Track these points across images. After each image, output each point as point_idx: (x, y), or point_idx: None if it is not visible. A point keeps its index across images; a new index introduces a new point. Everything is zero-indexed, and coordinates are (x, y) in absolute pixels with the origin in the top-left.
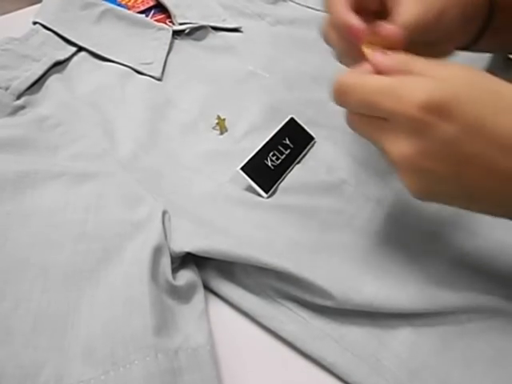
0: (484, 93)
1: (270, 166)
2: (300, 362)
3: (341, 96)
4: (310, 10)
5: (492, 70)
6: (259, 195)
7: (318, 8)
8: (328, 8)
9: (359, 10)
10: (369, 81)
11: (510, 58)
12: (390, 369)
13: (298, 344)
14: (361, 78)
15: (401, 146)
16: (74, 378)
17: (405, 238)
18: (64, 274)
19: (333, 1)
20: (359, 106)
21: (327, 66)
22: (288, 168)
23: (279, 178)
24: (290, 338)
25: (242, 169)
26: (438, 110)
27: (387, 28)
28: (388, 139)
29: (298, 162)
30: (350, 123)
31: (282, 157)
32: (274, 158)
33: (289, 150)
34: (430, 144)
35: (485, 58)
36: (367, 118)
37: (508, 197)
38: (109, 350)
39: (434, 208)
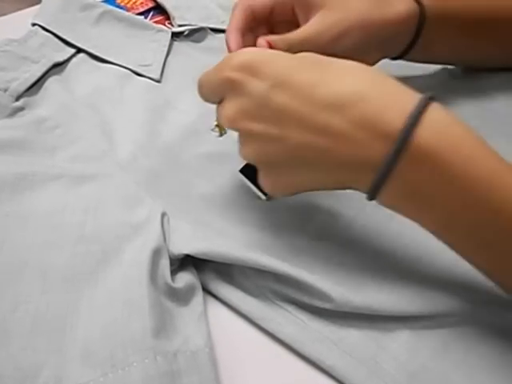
0: (295, 59)
1: None
2: (299, 365)
3: (199, 89)
4: None
5: None
6: (258, 198)
7: None
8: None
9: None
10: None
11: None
12: (389, 372)
13: (297, 346)
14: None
15: (226, 110)
16: (72, 380)
17: (405, 240)
18: (63, 275)
19: (230, 19)
20: (208, 94)
21: None
22: None
23: None
24: (289, 341)
25: (242, 171)
26: (249, 68)
27: (258, 42)
28: (219, 111)
29: None
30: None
31: None
32: None
33: None
34: (246, 101)
35: None
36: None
37: (333, 157)
38: (108, 352)
39: None
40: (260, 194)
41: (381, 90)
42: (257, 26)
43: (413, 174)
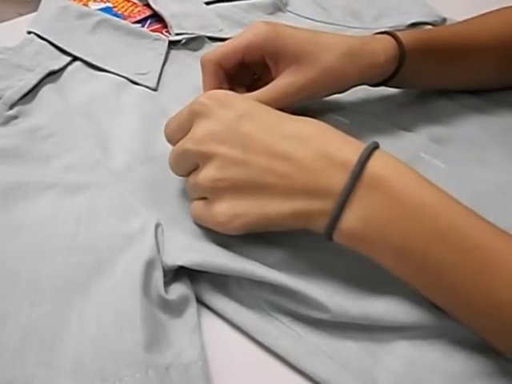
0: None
1: None
2: (294, 378)
3: (166, 129)
4: (308, 20)
5: None
6: None
7: (317, 19)
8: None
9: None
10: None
11: None
12: None
13: (292, 359)
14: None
15: (193, 133)
16: None
17: None
18: (54, 287)
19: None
20: (176, 125)
21: None
22: None
23: None
24: (284, 354)
25: None
26: (220, 99)
27: None
28: (186, 138)
29: None
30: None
31: None
32: None
33: None
34: (214, 124)
35: None
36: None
37: (292, 182)
38: (98, 365)
39: None
40: None
41: (335, 134)
42: (230, 75)
43: (368, 200)
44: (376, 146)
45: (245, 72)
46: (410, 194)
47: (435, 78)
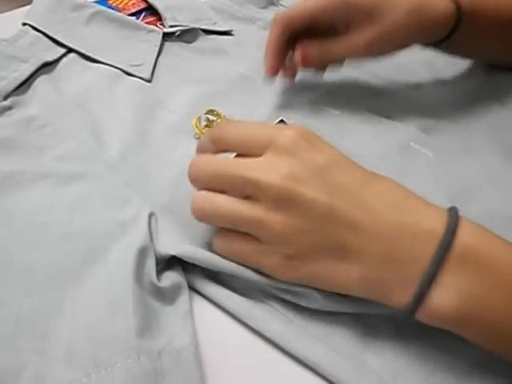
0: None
1: None
2: (285, 362)
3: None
4: None
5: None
6: None
7: None
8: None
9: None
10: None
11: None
12: (373, 368)
13: (282, 343)
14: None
15: (278, 167)
16: (55, 381)
17: None
18: (47, 274)
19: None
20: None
21: None
22: None
23: None
24: (275, 338)
25: None
26: (311, 141)
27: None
28: (260, 163)
29: None
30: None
31: None
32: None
33: None
34: (302, 166)
35: None
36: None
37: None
38: (91, 352)
39: None
40: None
41: (417, 198)
42: (294, 38)
43: (462, 273)
44: (457, 212)
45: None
46: (505, 261)
47: (486, 46)
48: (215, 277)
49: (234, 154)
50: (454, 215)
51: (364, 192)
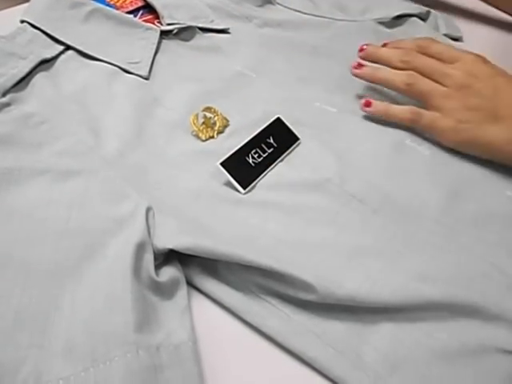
0: None
1: (250, 163)
2: (282, 358)
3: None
4: (297, 13)
5: None
6: (237, 191)
7: (305, 11)
8: None
9: None
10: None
11: None
12: (370, 363)
13: (280, 339)
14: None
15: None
16: (53, 375)
17: (388, 234)
18: (46, 270)
19: None
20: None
21: (314, 67)
22: (269, 166)
23: (259, 176)
24: (272, 334)
25: (222, 164)
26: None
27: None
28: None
29: (282, 161)
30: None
31: (264, 155)
32: (255, 156)
33: (272, 149)
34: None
35: None
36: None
37: None
38: (89, 346)
39: (416, 204)
40: (239, 187)
41: None
42: None
43: None
44: None
45: None
46: None
47: None
48: (213, 272)
49: None
50: None
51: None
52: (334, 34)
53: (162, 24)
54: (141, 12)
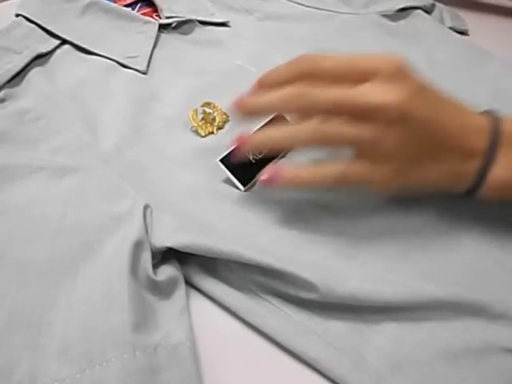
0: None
1: (250, 160)
2: (283, 358)
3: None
4: (298, 6)
5: None
6: (237, 188)
7: (307, 4)
8: None
9: None
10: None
11: None
12: (372, 363)
13: (280, 339)
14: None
15: (397, 90)
16: (49, 377)
17: (391, 232)
18: (41, 269)
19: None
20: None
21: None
22: (269, 163)
23: (259, 173)
24: (272, 333)
25: (221, 161)
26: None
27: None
28: (373, 88)
29: (283, 157)
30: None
31: (265, 151)
32: (255, 152)
33: None
34: (414, 86)
35: None
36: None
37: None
38: (85, 347)
39: (421, 201)
40: (238, 184)
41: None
42: None
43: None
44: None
45: None
46: None
47: None
48: (212, 271)
49: None
50: (495, 115)
51: (447, 105)
52: (336, 28)
53: (160, 17)
54: (139, 5)
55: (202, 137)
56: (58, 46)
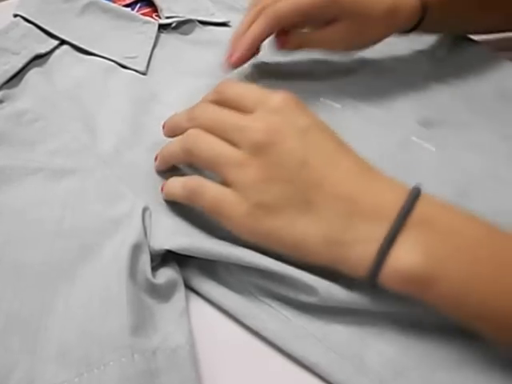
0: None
1: None
2: (282, 362)
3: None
4: None
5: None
6: None
7: None
8: None
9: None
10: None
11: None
12: (374, 368)
13: (280, 343)
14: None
15: (265, 121)
16: (46, 381)
17: None
18: (39, 272)
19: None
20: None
21: (318, 60)
22: None
23: None
24: (272, 337)
25: None
26: (293, 103)
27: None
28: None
29: None
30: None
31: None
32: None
33: None
34: (288, 124)
35: None
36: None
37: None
38: (83, 351)
39: None
40: None
41: (383, 175)
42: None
43: (424, 233)
44: (419, 190)
45: None
46: (466, 226)
47: (461, 22)
48: (211, 274)
49: None
50: (416, 188)
51: (337, 156)
52: None
53: (160, 17)
54: (138, 5)
55: None
56: (56, 47)
